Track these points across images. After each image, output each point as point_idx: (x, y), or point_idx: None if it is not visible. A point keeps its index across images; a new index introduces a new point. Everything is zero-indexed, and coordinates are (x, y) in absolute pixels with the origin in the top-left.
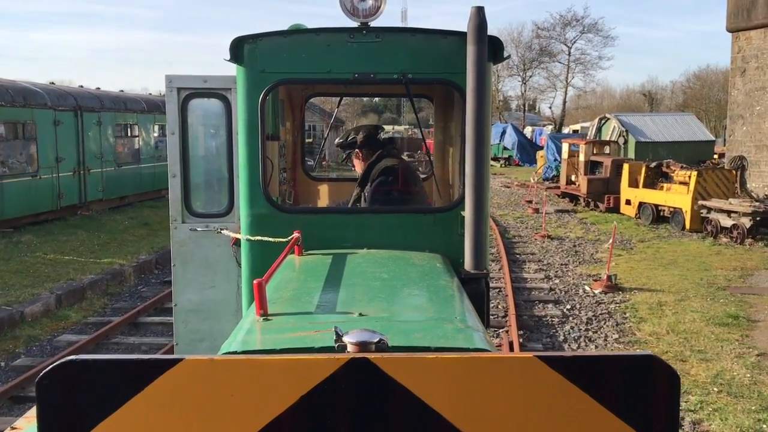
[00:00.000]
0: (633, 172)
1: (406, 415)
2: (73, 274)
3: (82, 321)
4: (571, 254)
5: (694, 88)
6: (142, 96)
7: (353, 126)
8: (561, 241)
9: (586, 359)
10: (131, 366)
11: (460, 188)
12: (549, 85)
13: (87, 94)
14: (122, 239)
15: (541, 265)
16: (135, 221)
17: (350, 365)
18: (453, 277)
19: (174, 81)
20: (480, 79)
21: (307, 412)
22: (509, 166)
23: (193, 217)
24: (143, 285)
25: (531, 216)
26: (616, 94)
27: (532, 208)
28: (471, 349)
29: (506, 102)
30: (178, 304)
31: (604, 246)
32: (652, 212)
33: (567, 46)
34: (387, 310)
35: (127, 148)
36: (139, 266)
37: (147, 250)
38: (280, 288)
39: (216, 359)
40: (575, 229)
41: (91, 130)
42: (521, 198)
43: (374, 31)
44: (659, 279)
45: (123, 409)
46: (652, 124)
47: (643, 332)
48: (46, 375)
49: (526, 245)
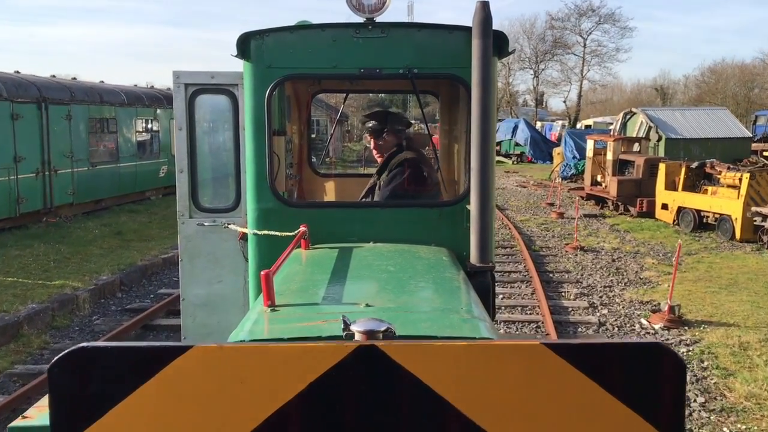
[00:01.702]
0: (670, 173)
1: (413, 402)
2: (10, 304)
3: (7, 370)
4: (612, 272)
5: (709, 83)
6: (122, 87)
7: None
8: (596, 254)
9: (592, 347)
10: (142, 353)
11: (465, 182)
12: (563, 79)
13: (54, 84)
14: (86, 253)
15: (581, 288)
16: (108, 229)
17: (358, 352)
18: (459, 270)
19: (181, 77)
20: (485, 74)
21: (315, 398)
22: (522, 163)
23: (201, 212)
24: (99, 315)
25: (556, 222)
26: (626, 89)
27: (556, 213)
28: (477, 338)
29: (512, 96)
30: (186, 299)
31: (647, 261)
32: (694, 218)
33: (582, 37)
34: (394, 301)
35: (104, 145)
36: (98, 289)
37: (112, 268)
38: (287, 280)
39: (225, 346)
40: (609, 239)
41: (59, 124)
42: (540, 200)
43: (380, 26)
44: (727, 308)
45: (134, 396)
46: (682, 119)
47: (737, 393)
48: (58, 362)
49: (558, 260)
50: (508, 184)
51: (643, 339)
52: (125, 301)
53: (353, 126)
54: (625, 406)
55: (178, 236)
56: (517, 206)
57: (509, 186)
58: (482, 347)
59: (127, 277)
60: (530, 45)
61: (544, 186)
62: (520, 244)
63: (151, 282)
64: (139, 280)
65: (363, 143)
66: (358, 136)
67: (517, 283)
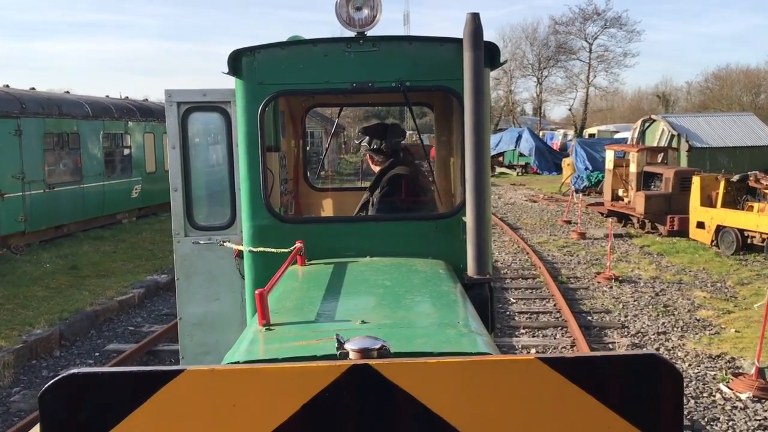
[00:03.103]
0: (706, 187)
1: (409, 421)
2: None
3: None
4: (660, 311)
5: (713, 89)
6: (87, 98)
7: (358, 129)
8: (635, 287)
9: (588, 360)
10: (134, 378)
11: (461, 194)
12: (569, 85)
13: (1, 95)
14: (27, 295)
15: (629, 335)
16: (63, 262)
17: (352, 372)
18: (456, 283)
19: (174, 95)
20: (477, 85)
21: (310, 419)
22: (527, 175)
23: (196, 230)
24: (22, 386)
25: (578, 244)
26: (627, 96)
27: (576, 232)
28: (474, 353)
29: (513, 105)
30: (183, 318)
31: (696, 294)
32: (736, 239)
33: (588, 42)
34: (389, 317)
35: (64, 164)
36: (26, 349)
37: (52, 317)
38: (282, 298)
39: (217, 369)
40: (643, 264)
41: (6, 141)
42: (555, 216)
43: (371, 40)
44: None
45: (126, 421)
46: (707, 126)
47: None
48: (49, 389)
49: (592, 294)
50: (516, 199)
51: (638, 351)
52: (62, 362)
53: (349, 137)
54: (622, 419)
55: (174, 255)
56: (531, 225)
57: (518, 200)
58: (477, 363)
59: (71, 328)
60: (533, 51)
61: (557, 200)
62: (544, 274)
63: (101, 333)
64: (86, 331)
65: (360, 155)
66: (355, 147)
67: (550, 329)
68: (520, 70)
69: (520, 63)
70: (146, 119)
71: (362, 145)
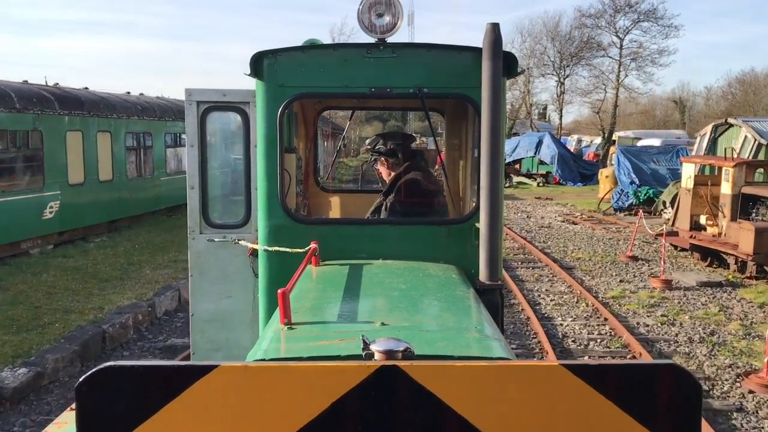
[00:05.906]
0: None
1: (434, 422)
2: None
3: None
4: None
5: (737, 95)
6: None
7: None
8: None
9: (610, 368)
10: (167, 372)
11: (472, 200)
12: (597, 85)
13: None
14: None
15: None
16: None
17: (380, 373)
18: (469, 288)
19: (194, 94)
20: (495, 94)
21: (337, 418)
22: (549, 185)
23: (211, 228)
24: None
25: (668, 298)
26: (641, 101)
27: (660, 280)
28: (493, 358)
29: (512, 107)
30: (195, 314)
31: None
32: None
33: (618, 37)
34: (408, 319)
35: None
36: None
37: None
38: (300, 298)
39: (250, 366)
40: None
41: None
42: (610, 247)
43: (391, 46)
44: None
45: (159, 415)
46: None
47: None
48: (85, 381)
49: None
50: (550, 218)
51: (660, 361)
52: None
53: (350, 140)
54: (643, 427)
55: (189, 252)
56: (587, 262)
57: (554, 222)
58: (502, 368)
59: None
60: (554, 47)
61: (600, 222)
62: None
63: None
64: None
65: (360, 159)
66: (355, 150)
67: None
68: (538, 69)
69: (539, 61)
70: (70, 112)
71: (375, 149)
